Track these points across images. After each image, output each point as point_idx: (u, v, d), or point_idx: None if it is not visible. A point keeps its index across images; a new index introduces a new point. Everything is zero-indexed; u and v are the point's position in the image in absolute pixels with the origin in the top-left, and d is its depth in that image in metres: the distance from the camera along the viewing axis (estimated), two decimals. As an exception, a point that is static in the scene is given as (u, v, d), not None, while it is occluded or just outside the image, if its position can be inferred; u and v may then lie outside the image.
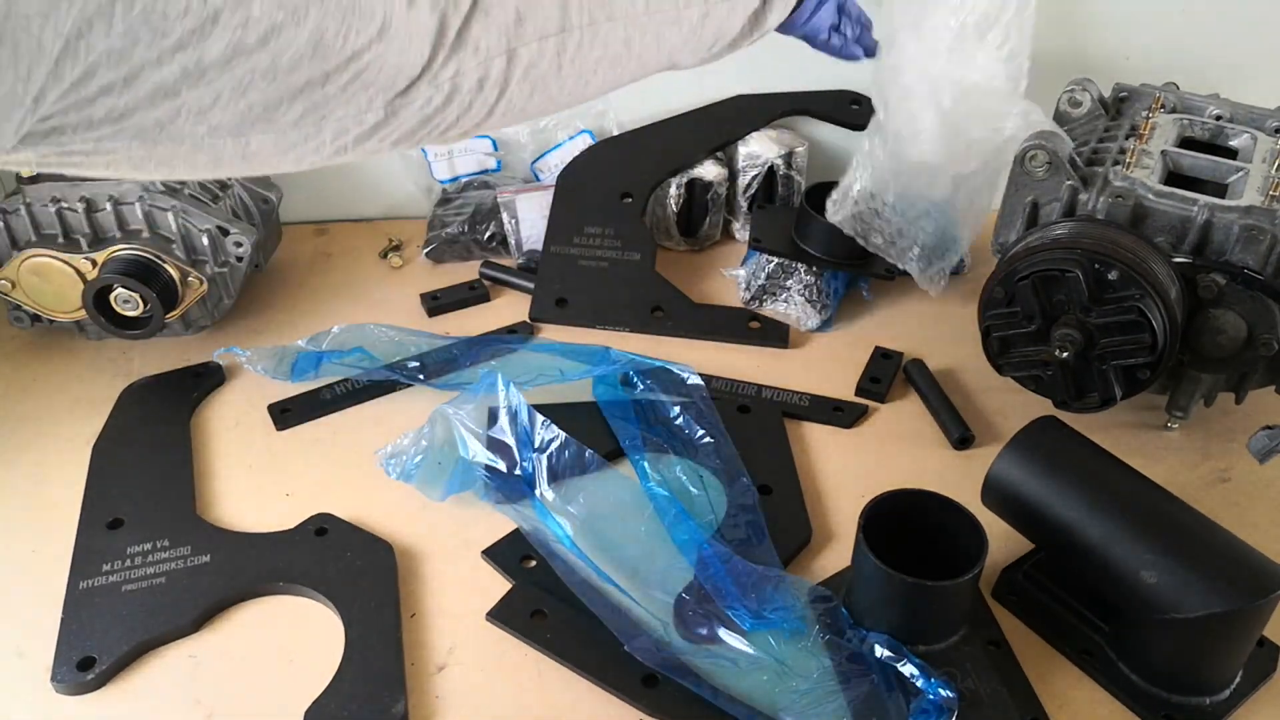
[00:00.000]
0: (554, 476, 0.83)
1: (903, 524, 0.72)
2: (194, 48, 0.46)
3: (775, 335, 1.04)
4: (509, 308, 1.08)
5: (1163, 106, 0.92)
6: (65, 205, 0.92)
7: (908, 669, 0.68)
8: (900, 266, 1.01)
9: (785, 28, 0.83)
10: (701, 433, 0.88)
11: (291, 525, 0.82)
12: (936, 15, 0.90)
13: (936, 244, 1.00)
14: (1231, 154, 0.88)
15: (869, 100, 1.01)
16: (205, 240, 0.95)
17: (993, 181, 0.96)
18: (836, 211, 0.98)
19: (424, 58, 0.56)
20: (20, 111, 0.44)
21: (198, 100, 0.48)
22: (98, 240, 0.94)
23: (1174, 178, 0.86)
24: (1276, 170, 0.82)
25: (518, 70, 0.61)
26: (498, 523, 0.83)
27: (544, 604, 0.75)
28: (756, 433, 0.91)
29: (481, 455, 0.84)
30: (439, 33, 0.56)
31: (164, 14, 0.44)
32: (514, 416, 0.85)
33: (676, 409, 0.90)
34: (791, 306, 1.06)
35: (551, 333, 1.05)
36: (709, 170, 1.14)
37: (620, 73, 0.69)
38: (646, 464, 0.86)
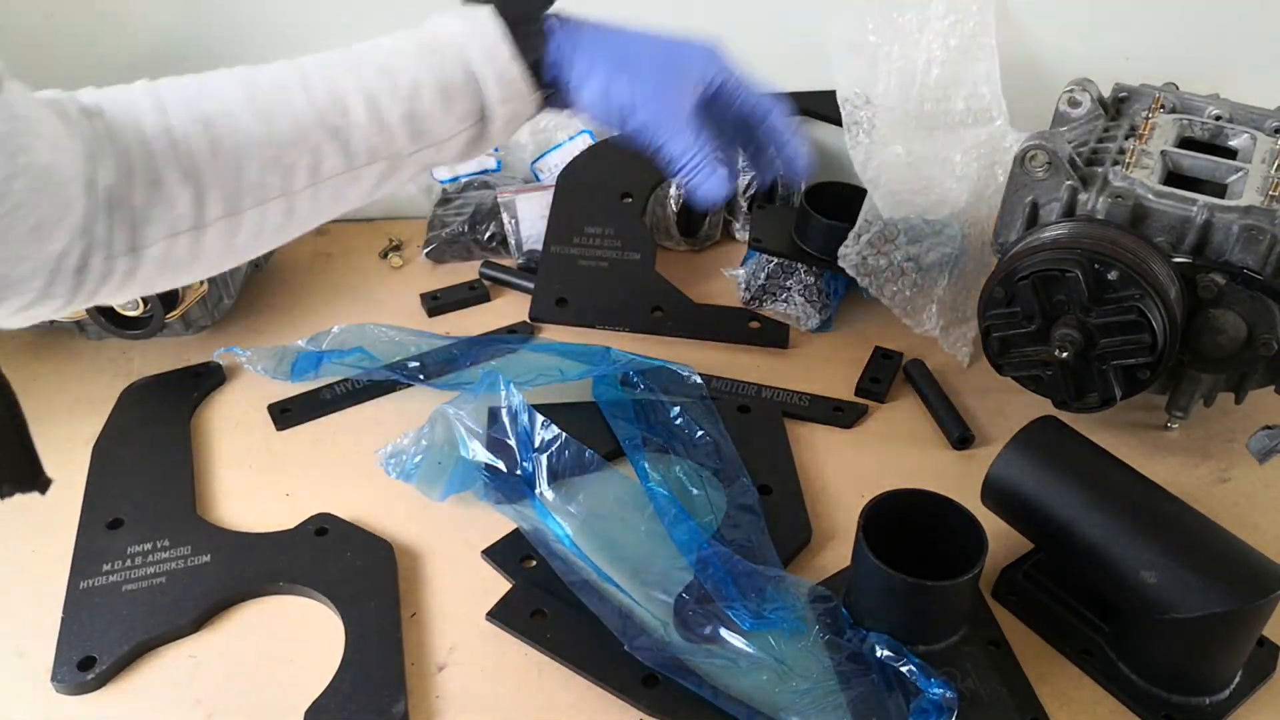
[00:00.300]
0: (554, 476, 0.83)
1: (903, 524, 0.72)
2: None
3: (775, 335, 1.04)
4: (509, 308, 1.08)
5: (1162, 106, 0.92)
6: (65, 205, 0.92)
7: (907, 668, 0.68)
8: (918, 331, 1.01)
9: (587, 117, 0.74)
10: (701, 433, 0.88)
11: (291, 525, 0.82)
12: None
13: (954, 300, 1.00)
14: (1231, 154, 0.88)
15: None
16: (205, 240, 0.95)
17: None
18: (845, 257, 0.99)
19: (81, 250, 0.56)
20: None
21: None
22: (98, 240, 0.94)
23: (1174, 178, 0.86)
24: (1276, 170, 0.82)
25: (145, 265, 0.60)
26: (498, 523, 0.83)
27: (544, 604, 0.75)
28: (756, 433, 0.91)
29: (481, 455, 0.84)
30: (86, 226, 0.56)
31: None
32: (514, 417, 0.85)
33: (676, 409, 0.90)
34: (791, 306, 1.06)
35: (552, 333, 1.05)
36: (709, 170, 1.14)
37: (289, 235, 0.67)
38: (646, 464, 0.86)
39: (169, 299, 0.95)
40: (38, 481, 0.58)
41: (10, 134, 0.50)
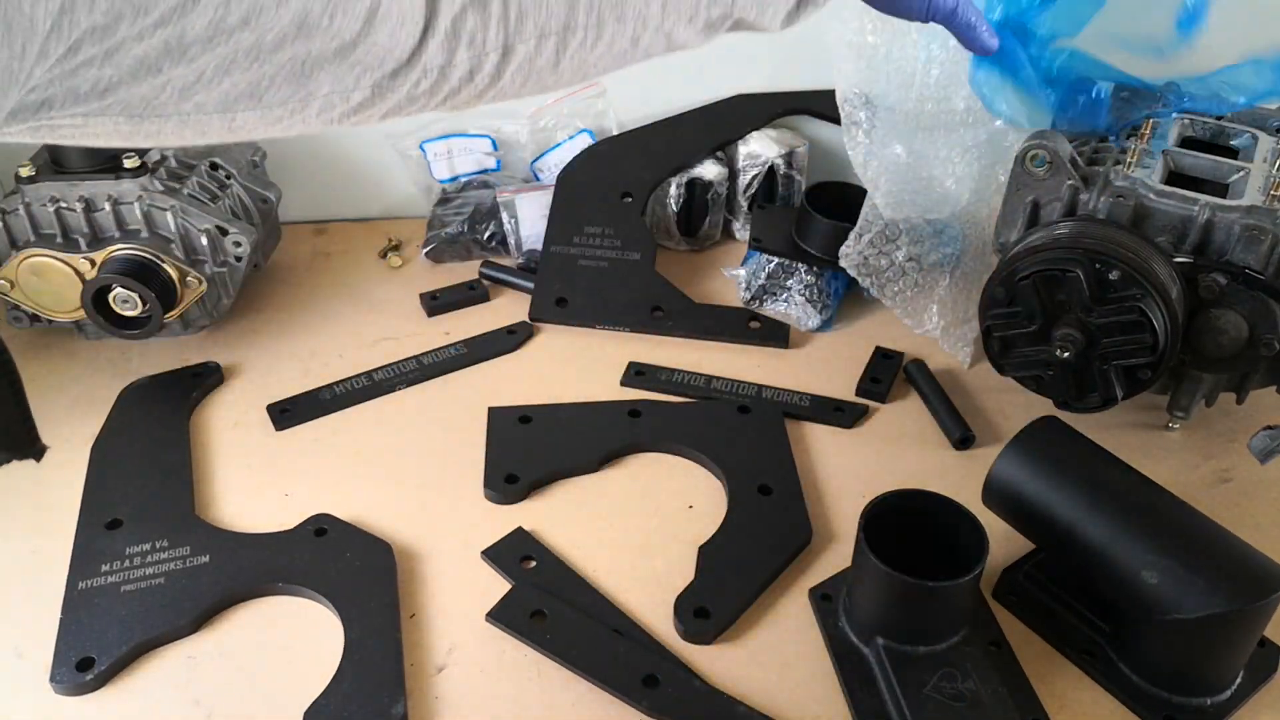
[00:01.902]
0: None
1: (903, 525, 0.72)
2: (175, 24, 0.46)
3: (775, 335, 1.04)
4: (509, 307, 1.08)
5: (1163, 106, 0.92)
6: (64, 205, 0.92)
7: None
8: (919, 332, 1.01)
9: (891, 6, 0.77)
10: None
11: (291, 525, 0.81)
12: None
13: (955, 300, 1.00)
14: (1232, 154, 0.88)
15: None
16: (204, 240, 0.95)
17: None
18: (847, 257, 0.99)
19: (413, 43, 0.55)
20: (16, 88, 0.44)
21: (181, 77, 0.48)
22: (96, 240, 0.93)
23: (1175, 177, 0.86)
24: (1277, 170, 0.82)
25: (511, 65, 0.60)
26: (498, 523, 0.82)
27: (544, 604, 0.75)
28: (757, 433, 0.91)
29: None
30: (429, 20, 0.56)
31: None
32: None
33: None
34: (792, 306, 1.06)
35: (552, 333, 1.05)
36: (709, 170, 1.14)
37: (620, 64, 0.67)
38: None
39: (168, 299, 0.94)
40: (34, 448, 0.57)
41: None
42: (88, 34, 0.44)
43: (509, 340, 1.03)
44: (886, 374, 0.98)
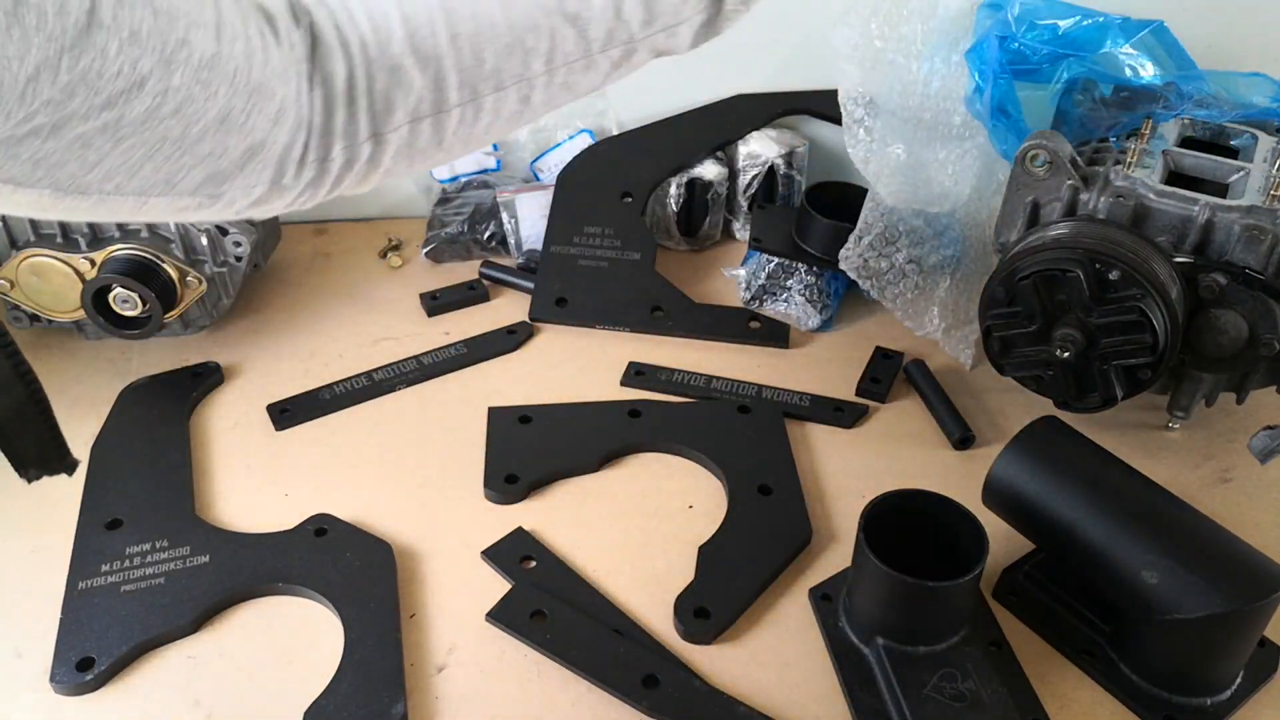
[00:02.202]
0: None
1: (903, 525, 0.72)
2: (118, 107, 0.48)
3: (775, 335, 1.04)
4: (509, 307, 1.08)
5: (1163, 107, 0.92)
6: (64, 205, 0.92)
7: None
8: (920, 335, 1.01)
9: None
10: None
11: (291, 525, 0.81)
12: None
13: (956, 302, 1.00)
14: (1233, 154, 0.88)
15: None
16: (204, 240, 0.95)
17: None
18: (847, 259, 0.99)
19: (304, 138, 0.58)
20: None
21: (110, 159, 0.50)
22: (96, 240, 0.93)
23: (1175, 177, 0.86)
24: (1278, 170, 0.82)
25: (388, 151, 0.61)
26: (498, 523, 0.82)
27: (544, 604, 0.75)
28: (757, 433, 0.91)
29: None
30: (310, 117, 0.58)
31: (99, 73, 0.47)
32: None
33: None
34: (792, 306, 1.06)
35: (552, 333, 1.05)
36: (709, 170, 1.14)
37: (521, 124, 0.68)
38: None
39: (168, 299, 0.94)
40: (65, 463, 0.58)
41: (155, 30, 0.49)
42: (44, 105, 0.46)
43: (509, 340, 1.03)
44: (886, 374, 0.98)
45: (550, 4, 0.63)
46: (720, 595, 0.76)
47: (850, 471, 0.89)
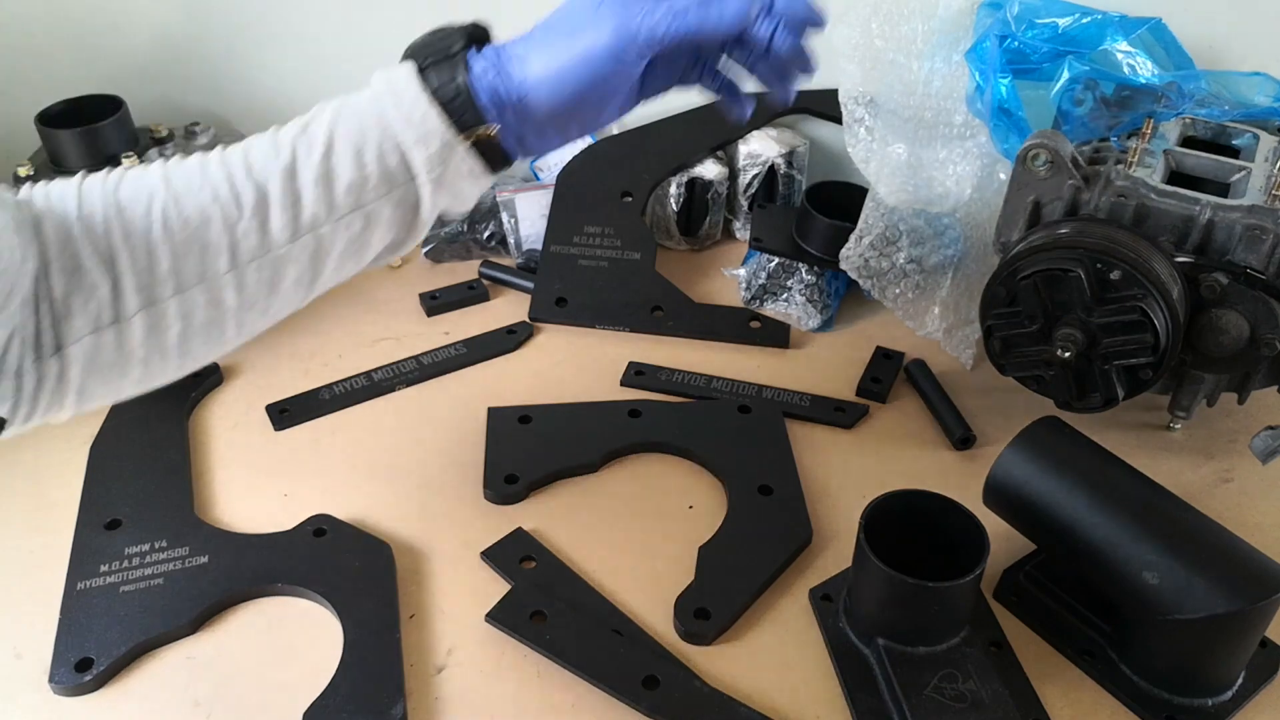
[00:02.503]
0: None
1: (904, 525, 0.72)
2: None
3: (776, 335, 1.04)
4: (508, 307, 1.08)
5: (1164, 106, 0.92)
6: (63, 204, 0.92)
7: None
8: (920, 335, 1.01)
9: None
10: None
11: (290, 526, 0.81)
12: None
13: (957, 302, 1.00)
14: (1234, 153, 0.88)
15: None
16: (204, 240, 0.95)
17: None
18: (847, 259, 0.99)
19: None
20: None
21: None
22: (96, 240, 0.93)
23: (1176, 177, 0.85)
24: (1279, 169, 0.82)
25: (75, 366, 0.58)
26: (498, 523, 0.82)
27: (544, 605, 0.75)
28: (757, 433, 0.91)
29: None
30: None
31: None
32: None
33: None
34: (792, 306, 1.06)
35: (553, 333, 1.05)
36: (709, 169, 1.14)
37: (233, 328, 0.62)
38: None
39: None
40: None
41: None
42: None
43: (509, 340, 1.03)
44: (887, 374, 0.98)
45: (225, 196, 0.59)
46: (720, 595, 0.76)
47: (850, 471, 0.89)
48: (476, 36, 0.64)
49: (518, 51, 0.62)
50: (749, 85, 0.72)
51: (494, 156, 0.64)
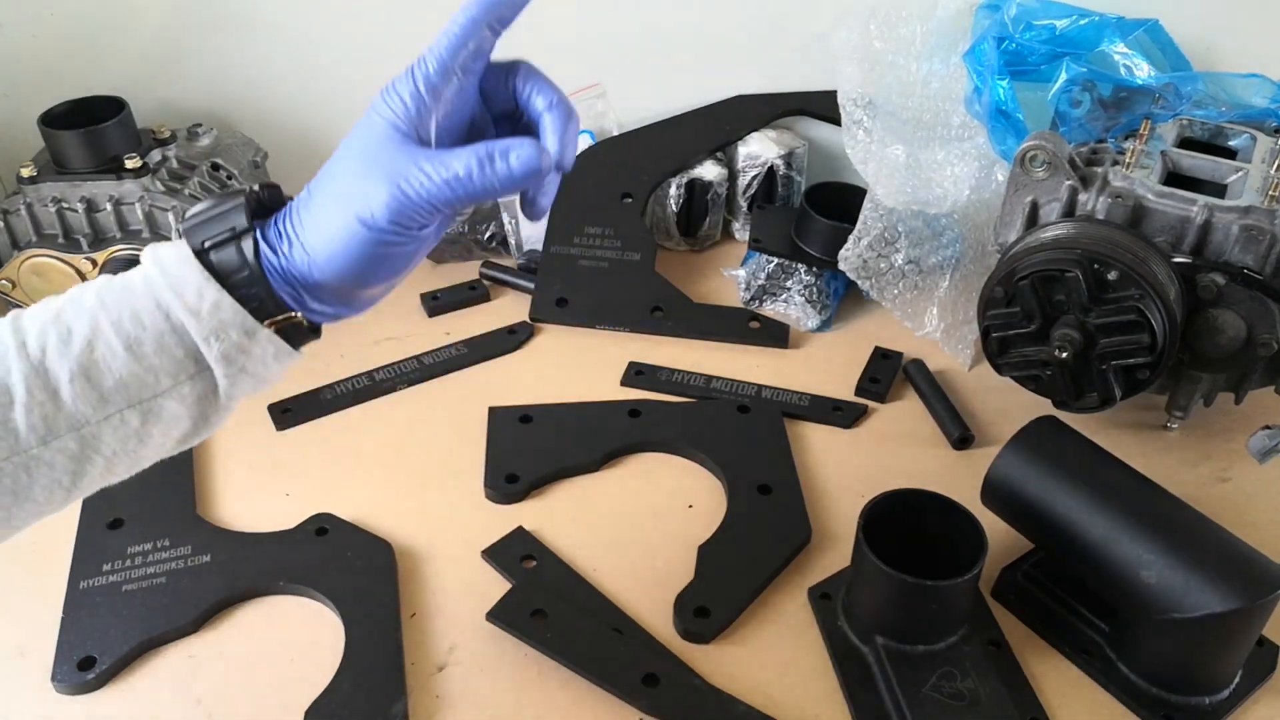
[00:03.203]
0: None
1: (903, 524, 0.72)
2: None
3: (775, 335, 1.04)
4: (509, 307, 1.08)
5: (1161, 107, 0.92)
6: (66, 205, 0.92)
7: None
8: (919, 335, 1.01)
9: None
10: None
11: (292, 525, 0.82)
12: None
13: (955, 302, 1.01)
14: (1231, 154, 0.88)
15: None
16: (205, 240, 0.95)
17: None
18: (846, 260, 0.99)
19: None
20: None
21: None
22: (98, 240, 0.94)
23: (1173, 178, 0.86)
24: (1276, 170, 0.82)
25: None
26: (498, 523, 0.83)
27: (544, 604, 0.75)
28: (756, 433, 0.91)
29: None
30: None
31: None
32: None
33: None
34: (791, 306, 1.06)
35: (553, 333, 1.05)
36: (709, 170, 1.14)
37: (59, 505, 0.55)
38: None
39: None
40: None
41: None
42: None
43: (509, 340, 1.03)
44: (886, 374, 0.98)
45: None
46: (720, 595, 0.77)
47: (850, 471, 0.89)
48: (263, 203, 0.57)
49: (295, 229, 0.55)
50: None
51: (299, 334, 0.58)
